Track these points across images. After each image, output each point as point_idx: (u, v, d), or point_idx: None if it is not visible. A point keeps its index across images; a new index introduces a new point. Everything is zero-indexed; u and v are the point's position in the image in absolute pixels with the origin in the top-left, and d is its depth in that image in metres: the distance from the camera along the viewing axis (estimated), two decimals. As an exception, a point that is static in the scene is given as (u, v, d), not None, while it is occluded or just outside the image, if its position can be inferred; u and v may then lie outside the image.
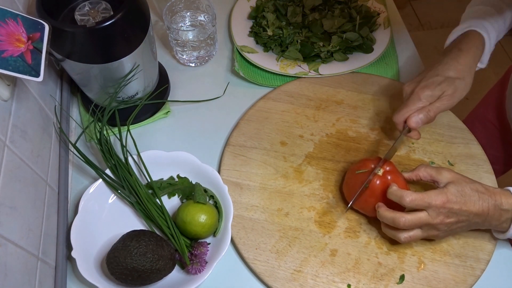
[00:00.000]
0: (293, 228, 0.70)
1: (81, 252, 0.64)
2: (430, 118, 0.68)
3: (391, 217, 0.62)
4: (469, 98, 0.75)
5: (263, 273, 0.66)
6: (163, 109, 0.82)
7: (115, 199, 0.72)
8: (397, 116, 0.70)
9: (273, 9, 0.91)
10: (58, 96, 0.80)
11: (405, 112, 0.69)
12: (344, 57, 0.87)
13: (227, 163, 0.76)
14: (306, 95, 0.84)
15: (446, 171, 0.63)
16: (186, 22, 0.88)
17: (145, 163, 0.71)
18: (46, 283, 0.61)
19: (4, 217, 0.52)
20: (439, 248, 0.68)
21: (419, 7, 2.36)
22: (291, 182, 0.75)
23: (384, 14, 0.93)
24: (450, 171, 0.63)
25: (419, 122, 0.68)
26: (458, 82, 0.68)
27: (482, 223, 0.62)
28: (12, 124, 0.58)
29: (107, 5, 0.69)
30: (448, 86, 0.68)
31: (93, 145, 0.78)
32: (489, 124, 0.99)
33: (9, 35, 0.54)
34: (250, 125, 0.80)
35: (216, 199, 0.70)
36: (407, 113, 0.68)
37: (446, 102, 0.68)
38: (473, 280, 0.66)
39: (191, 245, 0.66)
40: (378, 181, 0.66)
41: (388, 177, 0.65)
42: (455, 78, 0.68)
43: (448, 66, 0.69)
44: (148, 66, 0.75)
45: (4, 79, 0.57)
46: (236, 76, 0.88)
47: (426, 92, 0.68)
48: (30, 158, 0.62)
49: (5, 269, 0.50)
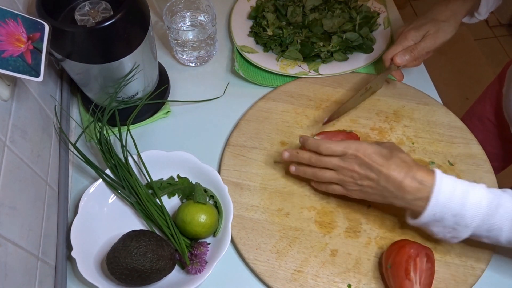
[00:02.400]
0: (294, 228, 0.70)
1: (81, 252, 0.64)
2: (414, 56, 0.74)
3: (308, 156, 0.66)
4: (469, 98, 0.76)
5: (263, 273, 0.66)
6: (163, 109, 0.82)
7: (115, 199, 0.72)
8: (386, 54, 0.77)
9: (273, 9, 0.91)
10: (58, 96, 0.80)
11: (393, 51, 0.76)
12: (344, 57, 0.87)
13: (227, 163, 0.76)
14: (306, 95, 0.84)
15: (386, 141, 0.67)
16: (186, 22, 0.88)
17: (145, 163, 0.71)
18: (46, 283, 0.61)
19: (4, 217, 0.52)
20: (439, 248, 0.68)
21: (419, 7, 2.37)
22: (291, 182, 0.75)
23: (384, 14, 0.93)
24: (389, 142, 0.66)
25: (403, 59, 0.74)
26: (442, 24, 0.75)
27: (396, 194, 0.60)
28: (12, 124, 0.58)
29: (107, 5, 0.69)
30: (432, 26, 0.74)
31: (93, 145, 0.78)
32: (486, 121, 0.99)
33: (9, 35, 0.54)
34: (250, 125, 0.80)
35: (216, 199, 0.70)
36: (395, 52, 0.75)
37: (429, 41, 0.74)
38: (474, 280, 0.66)
39: (191, 245, 0.66)
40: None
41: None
42: (440, 20, 0.75)
43: (436, 10, 0.76)
44: (148, 66, 0.75)
45: (4, 79, 0.57)
46: (236, 76, 0.88)
47: (412, 32, 0.75)
48: (30, 158, 0.62)
49: (5, 269, 0.50)
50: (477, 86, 1.86)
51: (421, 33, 0.75)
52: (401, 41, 0.75)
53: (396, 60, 0.74)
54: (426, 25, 0.75)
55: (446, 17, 0.75)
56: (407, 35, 0.75)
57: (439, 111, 0.83)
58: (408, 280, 0.60)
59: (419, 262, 0.61)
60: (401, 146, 0.78)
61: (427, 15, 0.77)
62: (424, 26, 0.75)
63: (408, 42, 0.75)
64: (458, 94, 1.89)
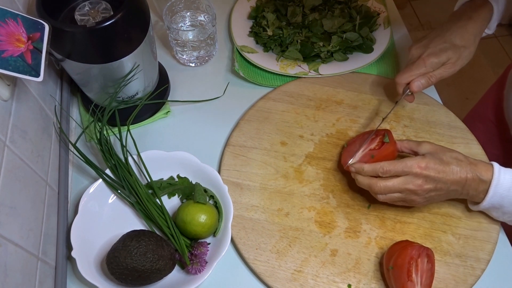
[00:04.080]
0: (294, 228, 0.70)
1: (81, 252, 0.64)
2: (431, 84, 0.72)
3: (367, 184, 0.65)
4: (469, 98, 0.76)
5: (263, 273, 0.66)
6: (163, 109, 0.82)
7: (115, 199, 0.72)
8: (401, 78, 0.73)
9: (273, 9, 0.91)
10: (58, 96, 0.80)
11: (409, 76, 0.72)
12: (344, 57, 0.87)
13: (227, 163, 0.76)
14: (306, 95, 0.84)
15: (427, 143, 0.66)
16: (186, 22, 0.88)
17: (145, 163, 0.71)
18: (46, 283, 0.61)
19: (4, 217, 0.52)
20: (439, 248, 0.68)
21: (419, 7, 2.36)
22: (291, 182, 0.75)
23: (384, 14, 0.93)
24: (430, 143, 0.66)
25: (420, 86, 0.72)
26: (463, 50, 0.71)
27: (461, 192, 0.64)
28: (12, 124, 0.58)
29: (107, 5, 0.69)
30: (453, 53, 0.71)
31: (93, 145, 0.78)
32: (488, 123, 0.99)
33: (9, 35, 0.54)
34: (250, 125, 0.80)
35: (216, 199, 0.70)
36: (411, 77, 0.72)
37: (449, 69, 0.71)
38: (474, 280, 0.66)
39: (191, 245, 0.66)
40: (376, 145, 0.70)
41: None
42: (460, 46, 0.71)
43: (456, 34, 0.71)
44: (148, 66, 0.75)
45: (4, 79, 0.57)
46: (236, 76, 0.88)
47: (432, 59, 0.71)
48: (30, 158, 0.62)
49: (5, 269, 0.50)
50: (477, 86, 1.86)
51: (441, 61, 0.71)
52: (419, 67, 0.71)
53: (413, 88, 0.71)
54: (447, 52, 0.70)
55: (467, 43, 0.71)
56: (426, 62, 0.71)
57: (439, 111, 0.83)
58: (410, 282, 0.60)
59: (420, 263, 0.61)
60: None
61: (445, 37, 0.71)
62: (445, 53, 0.70)
63: (426, 69, 0.71)
64: (458, 94, 1.88)
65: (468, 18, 0.72)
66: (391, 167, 0.63)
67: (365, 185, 0.66)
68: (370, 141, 0.71)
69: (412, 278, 0.60)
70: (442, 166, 0.62)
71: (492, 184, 0.61)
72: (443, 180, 0.62)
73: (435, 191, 0.63)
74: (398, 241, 0.66)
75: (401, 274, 0.61)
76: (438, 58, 0.71)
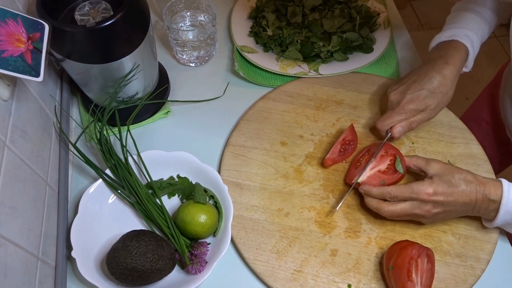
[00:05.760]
0: (294, 228, 0.70)
1: (81, 252, 0.64)
2: (412, 129, 0.74)
3: (376, 207, 0.67)
4: (469, 98, 0.76)
5: (263, 273, 0.66)
6: (163, 109, 0.82)
7: (115, 199, 0.72)
8: (382, 124, 0.74)
9: (273, 9, 0.91)
10: (58, 96, 0.80)
11: (390, 123, 0.74)
12: (344, 57, 0.87)
13: (227, 163, 0.76)
14: (306, 95, 0.84)
15: (435, 162, 0.66)
16: (186, 22, 0.88)
17: (145, 163, 0.71)
18: (46, 283, 0.61)
19: (4, 217, 0.52)
20: (439, 248, 0.68)
21: (419, 7, 2.37)
22: (291, 182, 0.75)
23: (384, 14, 0.93)
24: (439, 162, 0.66)
25: (402, 132, 0.73)
26: (441, 96, 0.72)
27: (471, 211, 0.64)
28: (12, 124, 0.58)
29: (107, 5, 0.69)
30: (432, 100, 0.72)
31: (93, 145, 0.78)
32: (483, 123, 0.99)
33: (9, 35, 0.54)
34: (250, 125, 0.80)
35: (216, 199, 0.70)
36: (392, 123, 0.73)
37: (428, 115, 0.73)
38: (474, 280, 0.66)
39: (191, 245, 0.66)
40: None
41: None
42: (438, 92, 0.72)
43: (433, 80, 0.72)
44: (148, 66, 0.75)
45: (4, 79, 0.57)
46: (236, 76, 0.88)
47: (411, 106, 0.72)
48: (30, 158, 0.62)
49: (5, 269, 0.50)
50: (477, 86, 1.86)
51: (421, 108, 0.72)
52: (400, 114, 0.73)
53: (395, 134, 0.73)
54: (425, 99, 0.71)
55: (444, 89, 0.72)
56: (405, 109, 0.72)
57: (439, 111, 0.83)
58: (410, 282, 0.60)
59: (420, 263, 0.61)
60: (401, 146, 0.78)
61: (423, 83, 0.72)
62: (423, 101, 0.71)
63: (406, 115, 0.73)
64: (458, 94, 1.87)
65: (444, 63, 0.73)
66: (399, 193, 0.64)
67: (374, 208, 0.67)
68: (379, 159, 0.71)
69: (412, 278, 0.60)
70: (451, 189, 0.62)
71: (502, 203, 0.62)
72: (453, 204, 0.63)
73: (444, 213, 0.64)
74: (398, 241, 0.66)
75: (401, 274, 0.61)
76: (417, 105, 0.72)
